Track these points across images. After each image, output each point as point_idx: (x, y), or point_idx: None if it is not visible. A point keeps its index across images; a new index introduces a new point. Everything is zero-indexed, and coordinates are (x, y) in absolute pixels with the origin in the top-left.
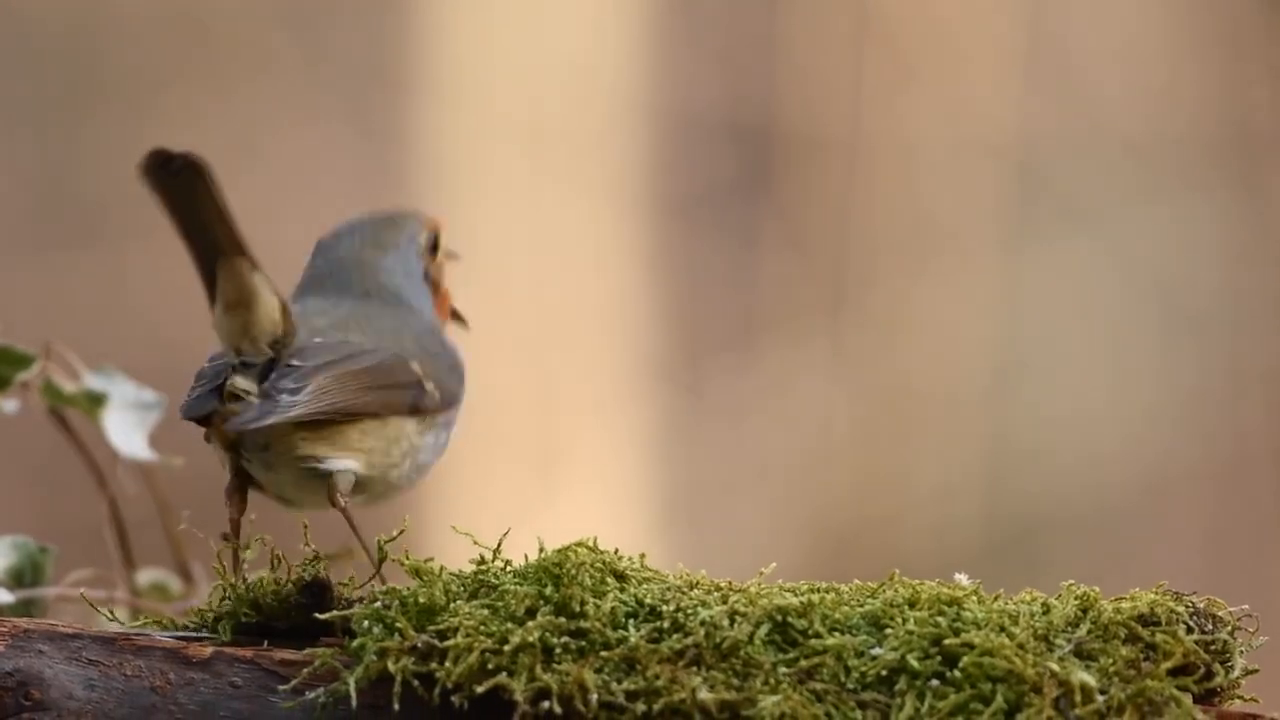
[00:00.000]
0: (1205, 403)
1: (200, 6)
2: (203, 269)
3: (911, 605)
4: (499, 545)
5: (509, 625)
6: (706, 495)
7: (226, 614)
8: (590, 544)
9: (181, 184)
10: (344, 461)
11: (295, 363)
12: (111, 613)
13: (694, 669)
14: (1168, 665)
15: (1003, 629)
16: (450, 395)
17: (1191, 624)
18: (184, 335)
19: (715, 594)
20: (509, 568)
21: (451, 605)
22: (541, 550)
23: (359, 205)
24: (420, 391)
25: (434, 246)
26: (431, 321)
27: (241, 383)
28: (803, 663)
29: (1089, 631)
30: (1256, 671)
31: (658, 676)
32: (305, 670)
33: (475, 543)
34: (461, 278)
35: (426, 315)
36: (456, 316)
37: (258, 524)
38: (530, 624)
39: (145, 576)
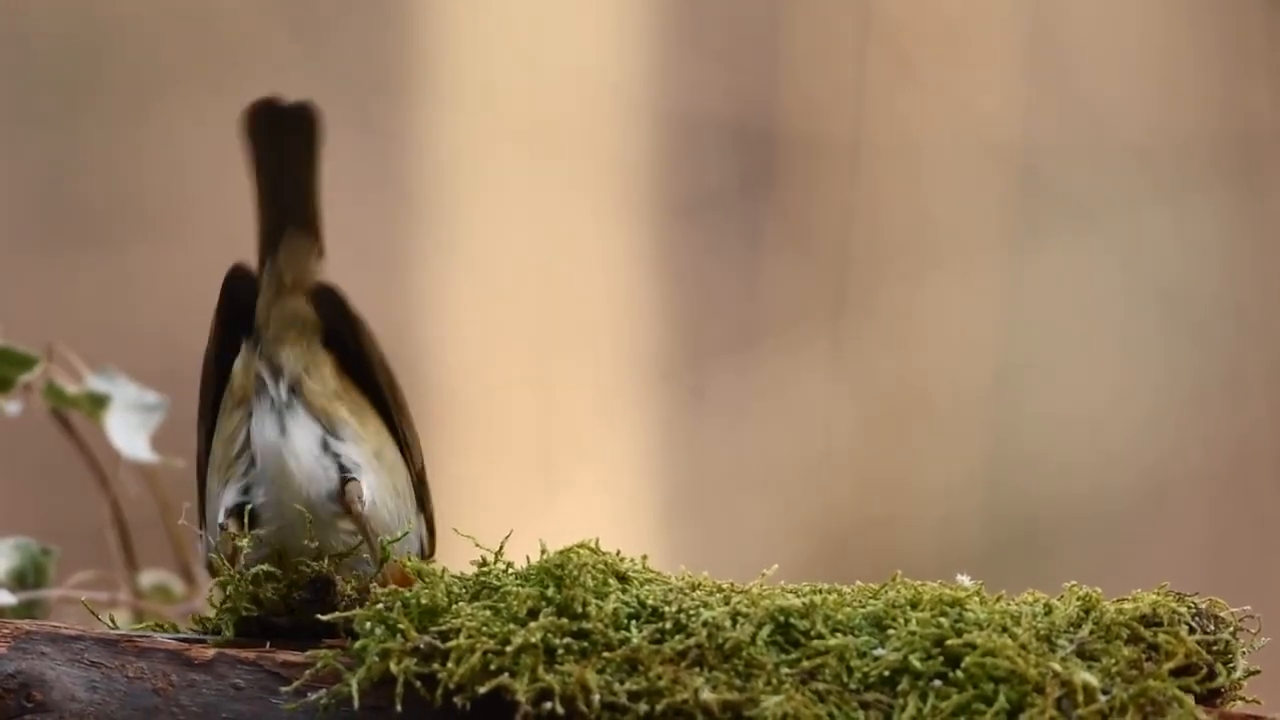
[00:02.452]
0: (1207, 404)
1: (202, 7)
2: (265, 243)
3: (914, 606)
4: (501, 547)
5: (511, 626)
6: (709, 496)
7: (228, 609)
8: (592, 545)
9: (285, 131)
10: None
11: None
12: (112, 618)
13: (696, 670)
14: (1170, 666)
15: (1005, 629)
16: None
17: (1194, 624)
18: (187, 336)
19: (717, 595)
20: (511, 569)
21: (454, 606)
22: (543, 551)
23: (361, 207)
24: None
25: None
26: None
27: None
28: (805, 663)
29: (1091, 632)
30: (1259, 673)
31: (660, 677)
32: (307, 672)
33: (477, 544)
34: (465, 279)
35: None
36: None
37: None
38: (532, 625)
39: (148, 578)
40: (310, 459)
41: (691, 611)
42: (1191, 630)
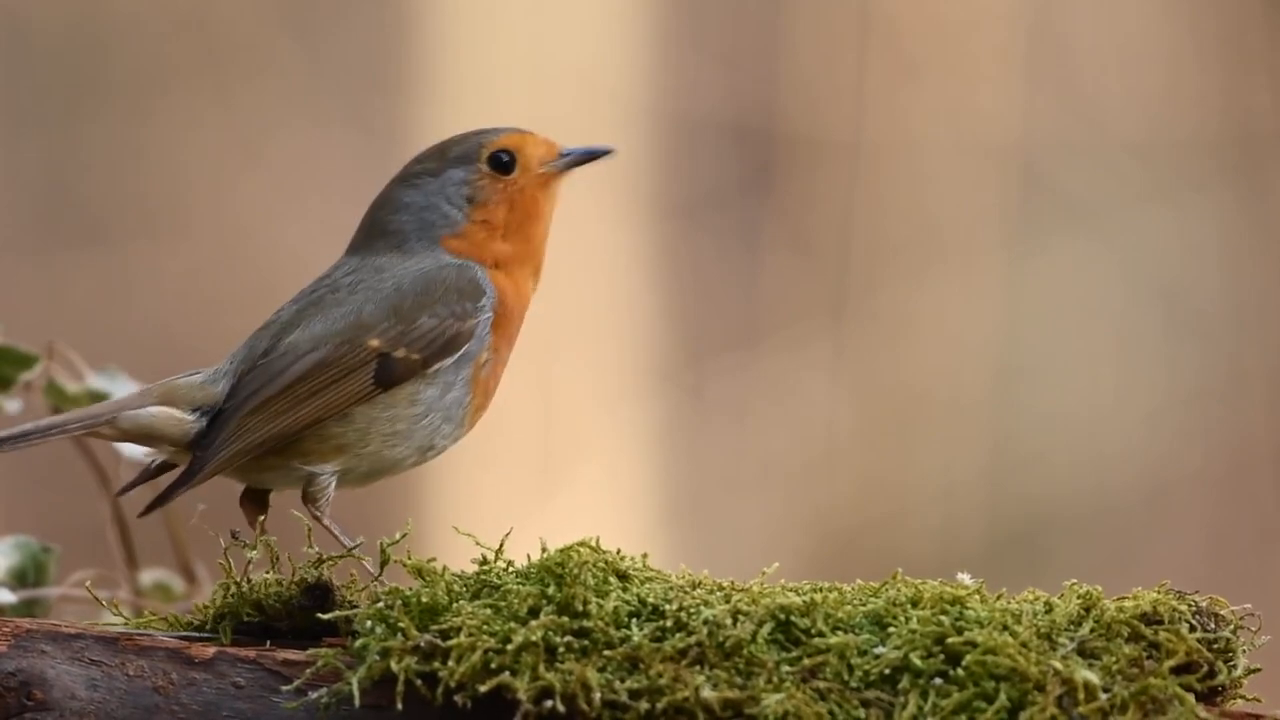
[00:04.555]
0: (1208, 403)
1: (202, 8)
2: None
3: (914, 604)
4: (501, 545)
5: (512, 625)
6: (709, 495)
7: (229, 614)
8: (593, 544)
9: None
10: (316, 466)
11: (226, 405)
12: (117, 608)
13: (697, 668)
14: (1170, 664)
15: (1006, 627)
16: (440, 348)
17: (1194, 622)
18: (186, 335)
19: (718, 593)
20: (511, 568)
21: (454, 605)
22: (544, 550)
23: (360, 207)
24: (385, 364)
25: (503, 164)
26: (429, 268)
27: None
28: (806, 661)
29: (1092, 630)
30: (1259, 670)
31: (661, 675)
32: (308, 670)
33: (477, 543)
34: None
35: (427, 261)
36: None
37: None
38: (533, 623)
39: (148, 576)
40: None
41: (692, 610)
42: (1192, 628)
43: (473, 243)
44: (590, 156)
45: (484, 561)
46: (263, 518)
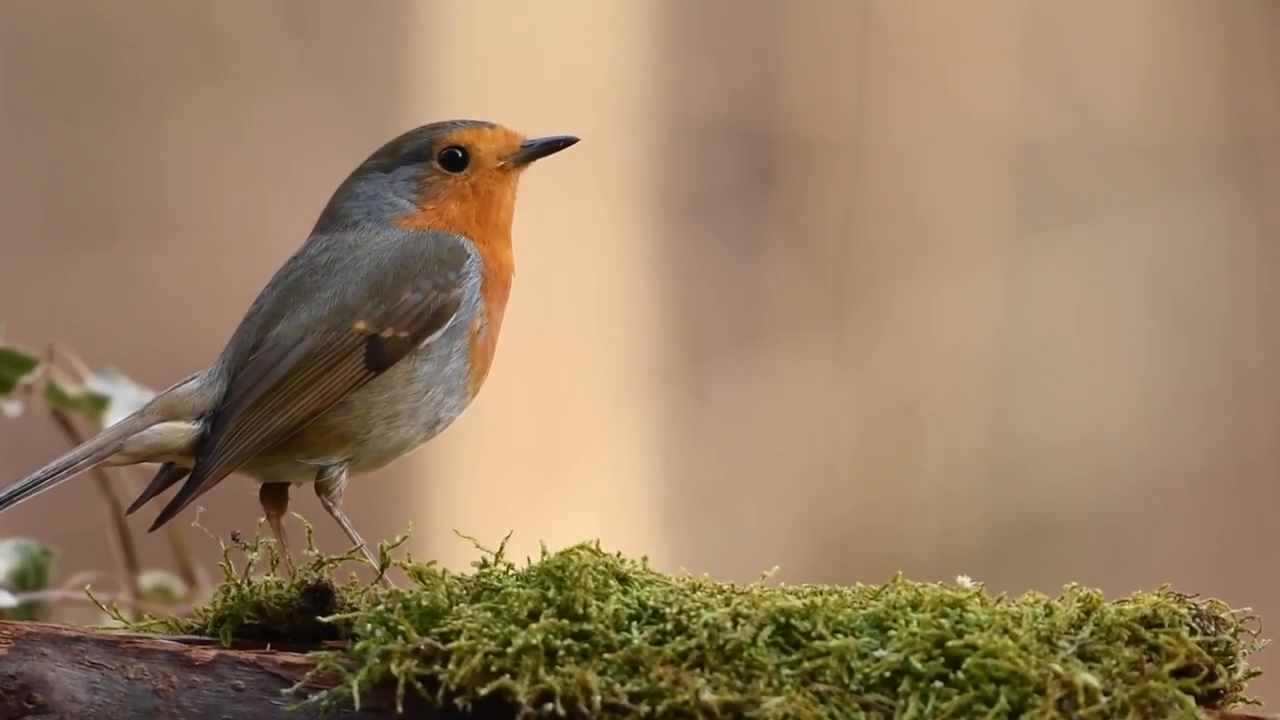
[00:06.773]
0: (1208, 405)
1: (207, 11)
2: None
3: (914, 607)
4: (501, 548)
5: (512, 627)
6: (709, 498)
7: (229, 616)
8: (593, 547)
9: None
10: (321, 458)
11: (224, 406)
12: (116, 611)
13: (697, 671)
14: (1171, 666)
15: (1006, 631)
16: (427, 322)
17: (1194, 625)
18: (186, 336)
19: (718, 596)
20: (511, 570)
21: (454, 608)
22: (544, 553)
23: None
24: (374, 346)
25: (455, 160)
26: (405, 240)
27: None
28: (806, 664)
29: (1092, 633)
30: (1259, 674)
31: (661, 678)
32: (308, 673)
33: (478, 546)
34: None
35: (394, 239)
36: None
37: (262, 527)
38: (533, 626)
39: (148, 579)
40: None
41: (692, 613)
42: (1192, 631)
43: (428, 224)
44: (552, 146)
45: (484, 564)
46: (282, 516)
